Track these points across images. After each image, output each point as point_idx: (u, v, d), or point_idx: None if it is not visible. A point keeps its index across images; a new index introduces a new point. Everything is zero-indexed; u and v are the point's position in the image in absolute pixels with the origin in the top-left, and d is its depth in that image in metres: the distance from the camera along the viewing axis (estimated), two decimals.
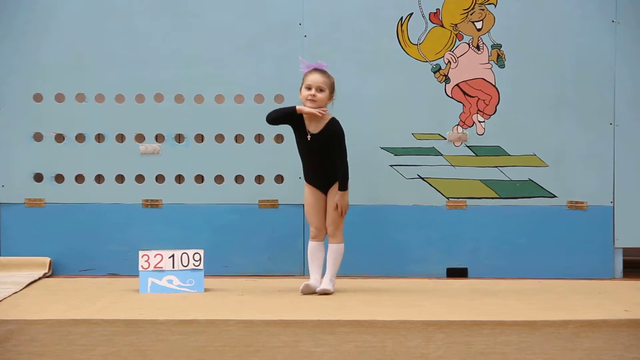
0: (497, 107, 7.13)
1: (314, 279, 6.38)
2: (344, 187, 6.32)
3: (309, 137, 6.29)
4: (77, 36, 7.11)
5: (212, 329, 5.31)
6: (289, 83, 6.95)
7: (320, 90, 6.25)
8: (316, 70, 6.32)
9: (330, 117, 6.34)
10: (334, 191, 6.35)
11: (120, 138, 7.19)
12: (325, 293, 6.29)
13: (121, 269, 7.12)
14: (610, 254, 7.12)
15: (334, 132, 6.29)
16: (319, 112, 6.26)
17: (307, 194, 6.41)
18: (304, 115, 6.28)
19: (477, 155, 7.14)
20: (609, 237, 7.12)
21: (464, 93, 7.13)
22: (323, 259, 6.45)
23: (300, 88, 6.33)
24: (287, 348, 4.87)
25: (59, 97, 7.15)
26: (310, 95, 6.24)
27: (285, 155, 7.05)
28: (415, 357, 4.73)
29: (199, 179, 7.19)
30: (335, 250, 6.39)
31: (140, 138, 7.18)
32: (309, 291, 6.32)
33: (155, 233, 7.12)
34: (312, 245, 6.44)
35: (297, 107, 6.27)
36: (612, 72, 7.09)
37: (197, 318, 5.56)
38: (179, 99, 7.16)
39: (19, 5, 7.10)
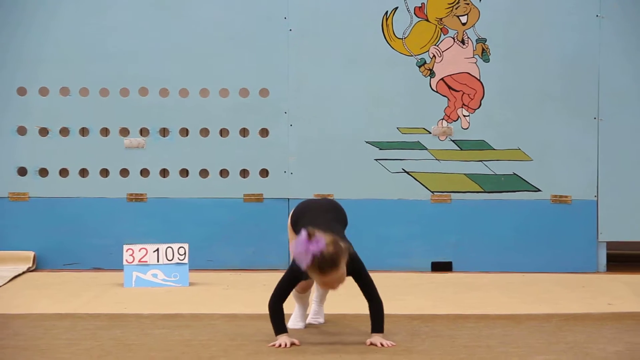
0: (482, 101, 7.14)
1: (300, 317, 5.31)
2: (382, 328, 4.91)
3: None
4: (61, 29, 7.09)
5: (196, 322, 5.31)
6: (274, 77, 6.94)
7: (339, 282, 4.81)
8: (326, 268, 4.72)
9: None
10: None
11: (105, 132, 7.17)
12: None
13: (105, 263, 7.10)
14: (594, 248, 7.14)
15: (355, 269, 4.90)
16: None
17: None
18: None
19: (461, 150, 7.15)
20: (592, 231, 7.14)
21: (449, 87, 7.13)
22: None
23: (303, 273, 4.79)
24: (271, 341, 4.86)
25: (43, 91, 7.13)
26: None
27: (270, 150, 7.04)
28: (400, 350, 4.74)
29: (184, 173, 7.18)
30: None
31: (124, 132, 7.16)
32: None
33: (139, 227, 7.10)
34: (297, 294, 5.28)
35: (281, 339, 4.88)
36: (596, 67, 7.10)
37: (181, 312, 5.56)
38: (163, 92, 7.14)
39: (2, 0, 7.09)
